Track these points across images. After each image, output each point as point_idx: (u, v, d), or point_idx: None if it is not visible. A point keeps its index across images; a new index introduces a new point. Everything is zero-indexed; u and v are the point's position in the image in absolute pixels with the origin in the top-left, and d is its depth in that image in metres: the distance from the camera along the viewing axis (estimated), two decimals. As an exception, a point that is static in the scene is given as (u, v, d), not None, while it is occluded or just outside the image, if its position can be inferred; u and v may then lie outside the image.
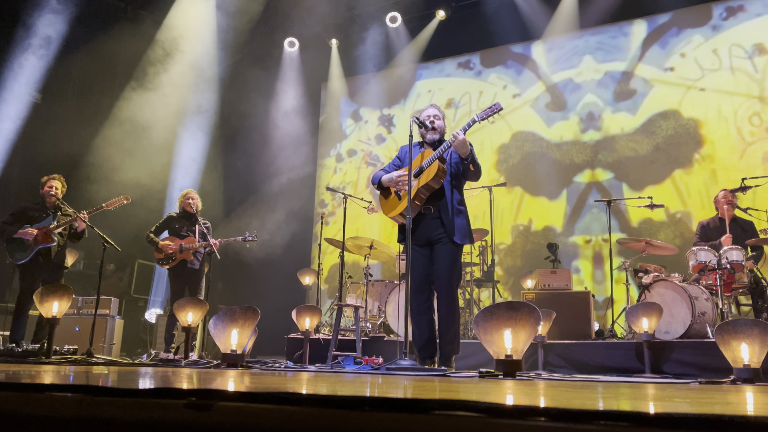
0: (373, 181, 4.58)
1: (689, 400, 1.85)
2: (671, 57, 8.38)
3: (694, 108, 8.15)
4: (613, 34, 8.80)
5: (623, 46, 8.72)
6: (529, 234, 8.91)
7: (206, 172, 9.71)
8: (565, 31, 9.08)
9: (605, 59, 8.81)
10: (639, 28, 8.66)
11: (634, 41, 8.67)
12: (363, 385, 2.27)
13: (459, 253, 4.33)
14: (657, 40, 8.51)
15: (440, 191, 4.26)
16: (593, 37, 8.89)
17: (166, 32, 9.20)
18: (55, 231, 5.83)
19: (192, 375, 2.88)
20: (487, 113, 4.13)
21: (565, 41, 9.12)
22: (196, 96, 9.63)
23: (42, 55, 8.20)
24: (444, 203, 4.26)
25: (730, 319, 4.45)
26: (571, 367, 5.21)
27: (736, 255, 5.35)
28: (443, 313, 4.23)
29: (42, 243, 5.78)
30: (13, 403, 1.27)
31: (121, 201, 6.03)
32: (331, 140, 10.91)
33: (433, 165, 4.20)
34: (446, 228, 4.23)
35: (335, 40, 10.71)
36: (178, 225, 6.45)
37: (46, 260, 5.84)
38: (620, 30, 8.76)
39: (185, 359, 5.16)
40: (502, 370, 3.37)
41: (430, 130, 4.42)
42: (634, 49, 8.62)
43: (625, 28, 8.71)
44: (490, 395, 1.82)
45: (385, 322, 6.40)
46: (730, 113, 7.90)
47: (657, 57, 8.46)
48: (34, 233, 5.74)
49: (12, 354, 4.94)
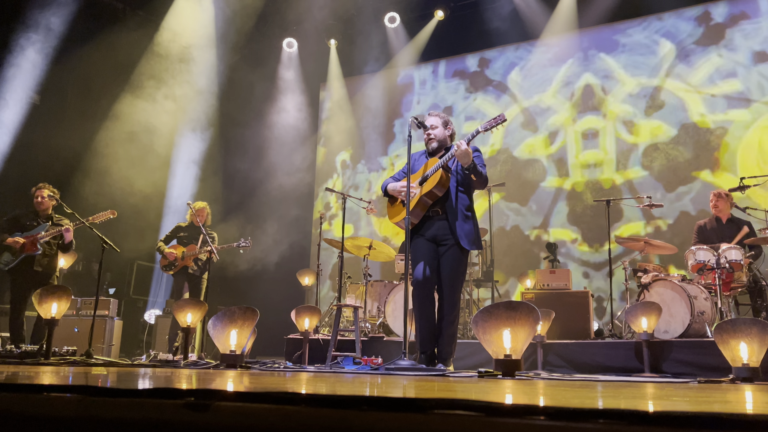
0: (382, 188, 4.63)
1: (688, 399, 1.85)
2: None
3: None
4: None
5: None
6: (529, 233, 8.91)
7: (205, 174, 9.70)
8: (564, 31, 9.09)
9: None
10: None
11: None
12: (362, 385, 2.26)
13: (465, 259, 4.31)
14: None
15: (446, 197, 4.27)
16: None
17: (164, 34, 9.20)
18: (41, 240, 5.92)
19: (191, 375, 2.88)
20: (491, 124, 4.15)
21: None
22: (194, 98, 9.62)
23: (40, 57, 8.18)
24: (451, 207, 4.26)
25: (729, 319, 4.46)
26: (570, 367, 5.21)
27: (735, 254, 5.35)
28: (443, 315, 4.22)
29: (28, 251, 5.91)
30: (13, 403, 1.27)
31: (107, 215, 6.07)
32: (331, 141, 10.91)
33: (436, 174, 4.22)
34: (453, 231, 4.21)
35: (334, 40, 10.71)
36: (183, 234, 6.86)
37: (30, 267, 5.94)
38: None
39: (184, 360, 5.15)
40: (501, 370, 3.37)
41: (430, 140, 4.43)
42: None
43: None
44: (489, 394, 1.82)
45: (384, 322, 6.40)
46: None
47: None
48: (21, 242, 5.88)
49: (11, 355, 4.93)
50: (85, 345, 5.53)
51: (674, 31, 8.48)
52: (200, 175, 9.62)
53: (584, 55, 9.03)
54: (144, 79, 8.92)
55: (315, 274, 8.18)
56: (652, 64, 8.55)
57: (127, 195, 7.96)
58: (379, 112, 10.57)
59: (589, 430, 0.89)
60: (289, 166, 10.29)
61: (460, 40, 9.85)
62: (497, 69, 9.68)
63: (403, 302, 5.64)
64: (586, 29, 9.00)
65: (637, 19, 8.77)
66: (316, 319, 5.88)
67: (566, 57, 9.13)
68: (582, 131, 8.84)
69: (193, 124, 9.61)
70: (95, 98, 8.86)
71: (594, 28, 8.98)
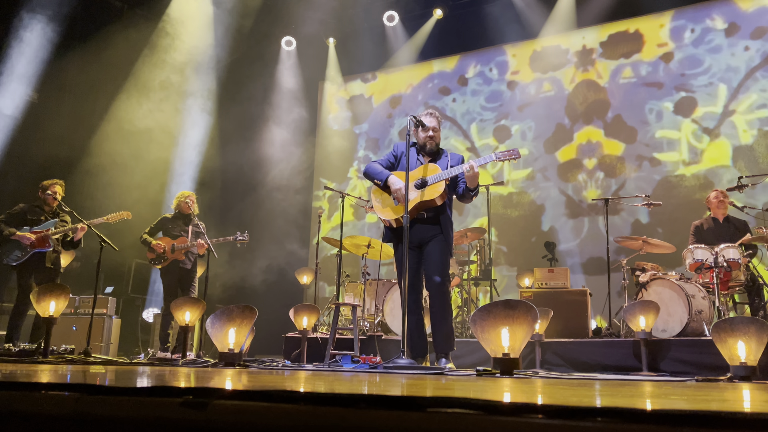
0: (369, 170, 4.45)
1: (686, 397, 1.85)
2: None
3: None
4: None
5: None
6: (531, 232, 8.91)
7: (204, 172, 9.69)
8: (563, 31, 9.09)
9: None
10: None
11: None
12: (360, 384, 2.26)
13: (449, 253, 4.37)
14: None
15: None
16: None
17: (163, 32, 9.18)
18: (52, 237, 5.85)
19: (189, 374, 2.88)
20: (506, 156, 4.19)
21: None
22: (193, 96, 9.61)
23: (39, 55, 8.17)
24: (440, 210, 4.32)
25: (727, 317, 4.46)
26: (568, 366, 5.22)
27: (733, 253, 5.36)
28: (436, 309, 4.24)
29: (38, 247, 5.81)
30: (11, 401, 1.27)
31: (122, 216, 6.08)
32: (329, 139, 10.90)
33: (439, 184, 4.24)
34: (441, 227, 4.29)
35: (332, 39, 10.70)
36: (171, 225, 6.50)
37: (41, 264, 5.85)
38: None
39: (182, 358, 5.15)
40: (500, 369, 3.37)
41: (430, 139, 4.43)
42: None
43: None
44: (487, 393, 1.82)
45: (382, 320, 6.40)
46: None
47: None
48: (32, 238, 5.77)
49: (9, 353, 4.93)
50: (83, 343, 5.53)
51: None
52: (199, 173, 9.60)
53: (584, 54, 9.04)
54: (143, 77, 8.91)
55: (313, 272, 8.17)
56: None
57: (125, 193, 7.94)
58: (377, 110, 10.57)
59: (587, 428, 0.89)
60: (287, 165, 10.29)
61: (459, 39, 9.85)
62: (495, 68, 9.67)
63: (401, 301, 5.64)
64: (583, 28, 9.00)
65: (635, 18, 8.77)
66: (315, 317, 5.88)
67: (565, 56, 9.13)
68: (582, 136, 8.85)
69: (191, 122, 9.59)
70: (94, 96, 8.85)
71: (592, 27, 8.98)
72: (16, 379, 1.86)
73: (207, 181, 9.62)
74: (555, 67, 9.19)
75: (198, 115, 9.69)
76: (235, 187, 10.36)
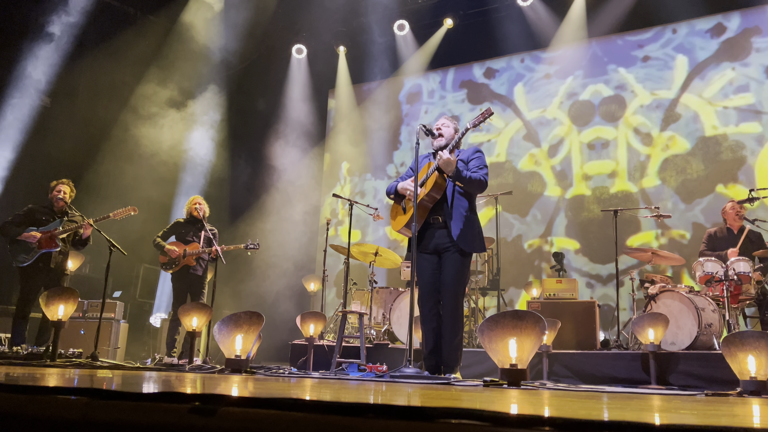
0: (388, 191, 4.54)
1: (695, 411, 1.83)
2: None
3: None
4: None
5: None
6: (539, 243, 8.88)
7: (213, 179, 9.74)
8: (574, 40, 9.08)
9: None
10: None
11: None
12: (367, 393, 2.26)
13: (466, 263, 4.30)
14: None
15: (444, 200, 4.27)
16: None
17: (175, 39, 9.26)
18: (59, 236, 5.85)
19: (196, 380, 2.89)
20: (478, 119, 4.13)
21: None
22: (203, 102, 9.67)
23: (52, 60, 8.26)
24: (449, 212, 4.25)
25: (737, 331, 4.42)
26: (576, 377, 5.18)
27: (743, 266, 5.32)
28: (447, 321, 4.21)
29: (45, 247, 5.80)
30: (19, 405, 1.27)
31: (128, 212, 6.06)
32: (338, 148, 10.92)
33: (431, 177, 4.23)
34: (453, 237, 4.21)
35: (343, 47, 10.75)
36: (184, 230, 6.50)
37: (46, 265, 5.85)
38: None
39: (189, 364, 5.16)
40: (507, 379, 3.35)
41: (437, 137, 4.42)
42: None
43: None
44: (494, 404, 1.81)
45: (389, 329, 6.38)
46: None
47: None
48: (38, 237, 5.76)
49: (16, 357, 4.95)
50: (90, 347, 5.54)
51: (688, 45, 8.46)
52: (208, 180, 9.65)
53: (595, 64, 9.02)
54: (154, 83, 8.98)
55: (321, 280, 8.18)
56: (666, 77, 8.50)
57: (135, 199, 7.98)
58: (386, 119, 10.58)
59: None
60: (296, 172, 10.31)
61: (470, 49, 9.86)
62: (505, 79, 9.67)
63: (408, 310, 5.64)
64: (596, 39, 8.99)
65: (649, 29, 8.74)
66: (321, 325, 5.88)
67: (576, 66, 9.12)
68: (588, 142, 8.82)
69: (201, 129, 9.65)
70: (106, 102, 8.93)
71: (604, 37, 8.96)
72: (25, 383, 1.87)
73: (216, 187, 9.66)
74: (564, 75, 9.18)
75: (208, 121, 9.75)
76: (244, 194, 10.40)
